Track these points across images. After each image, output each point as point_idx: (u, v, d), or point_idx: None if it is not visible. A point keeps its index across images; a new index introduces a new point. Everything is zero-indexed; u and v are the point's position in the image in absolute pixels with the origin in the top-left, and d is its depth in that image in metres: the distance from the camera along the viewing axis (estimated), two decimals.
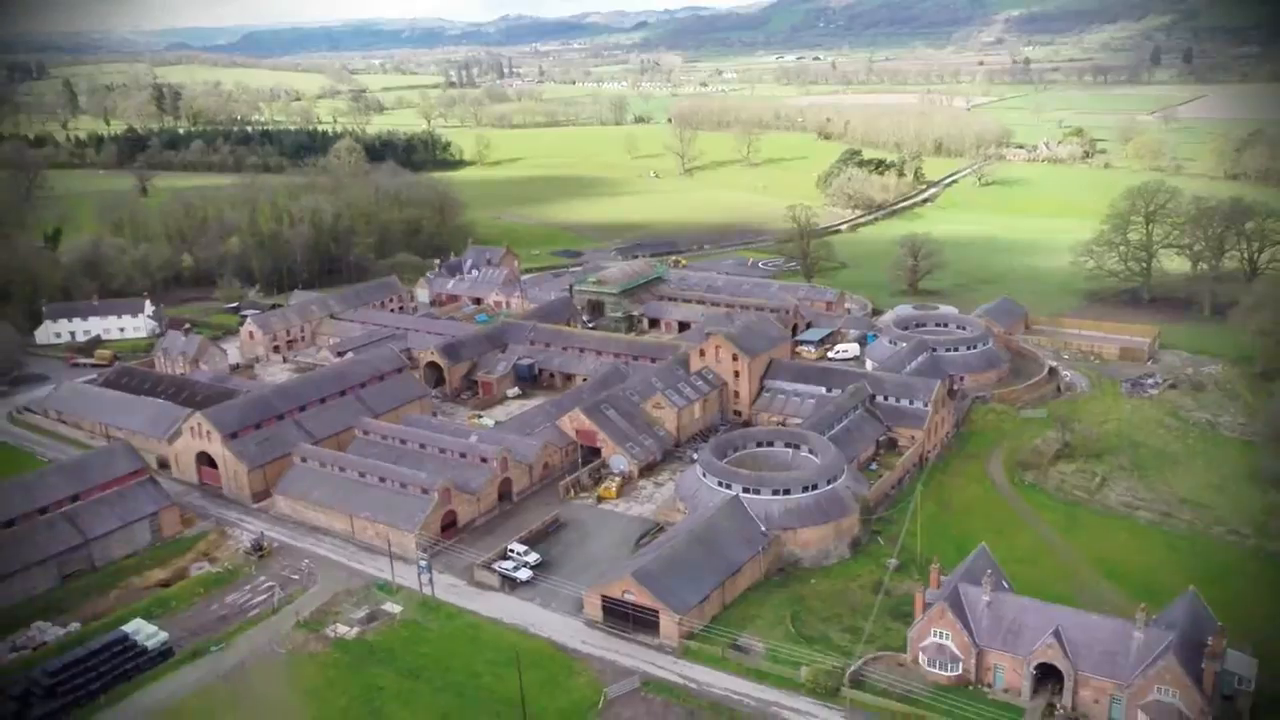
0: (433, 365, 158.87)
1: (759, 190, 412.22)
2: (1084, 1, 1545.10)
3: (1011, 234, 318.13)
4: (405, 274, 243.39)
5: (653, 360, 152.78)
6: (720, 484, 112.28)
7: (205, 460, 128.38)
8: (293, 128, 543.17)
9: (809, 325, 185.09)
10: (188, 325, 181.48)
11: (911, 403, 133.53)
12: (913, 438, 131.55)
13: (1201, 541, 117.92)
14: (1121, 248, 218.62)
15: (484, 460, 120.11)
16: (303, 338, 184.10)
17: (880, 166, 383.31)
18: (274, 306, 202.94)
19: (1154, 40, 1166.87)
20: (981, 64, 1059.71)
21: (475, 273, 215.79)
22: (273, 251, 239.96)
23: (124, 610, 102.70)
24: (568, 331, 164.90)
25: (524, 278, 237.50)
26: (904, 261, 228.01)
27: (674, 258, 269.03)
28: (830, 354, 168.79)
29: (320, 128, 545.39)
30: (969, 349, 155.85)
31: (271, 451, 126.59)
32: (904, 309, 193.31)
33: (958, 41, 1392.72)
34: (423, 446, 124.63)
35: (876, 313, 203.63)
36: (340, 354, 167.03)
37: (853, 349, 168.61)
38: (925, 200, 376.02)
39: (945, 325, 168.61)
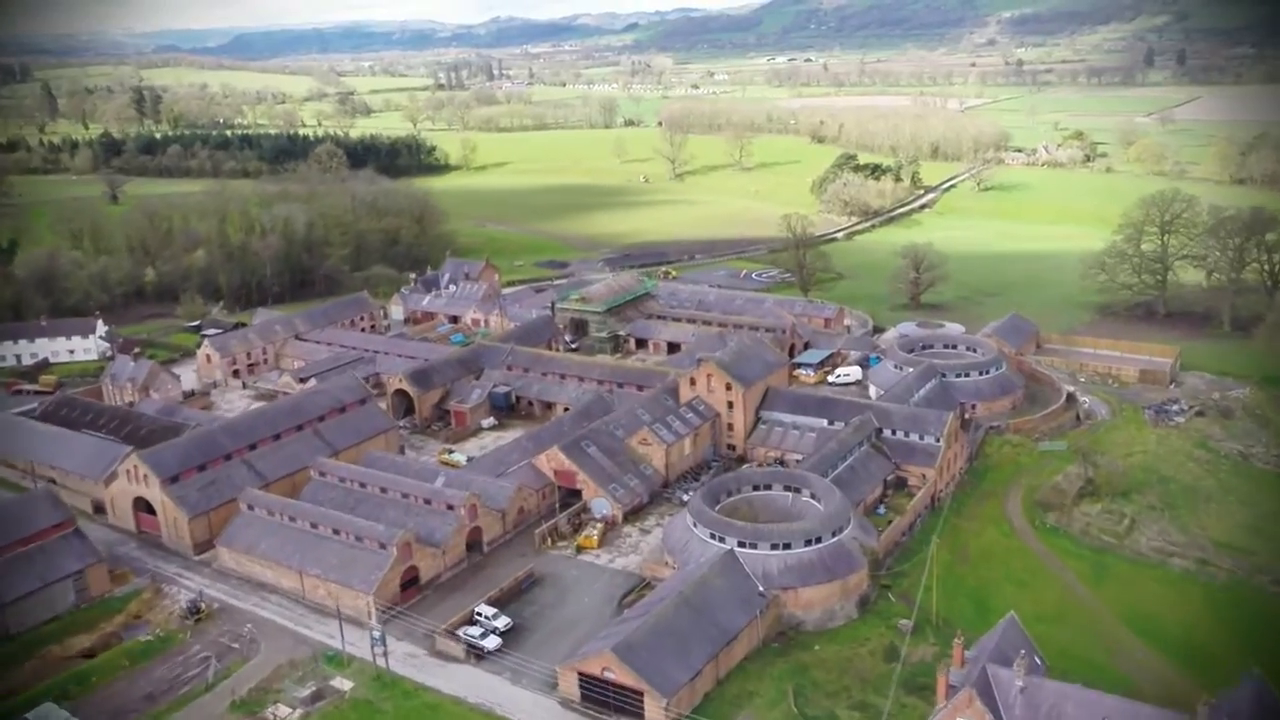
0: (402, 393, 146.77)
1: (752, 195, 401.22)
2: (1076, 3, 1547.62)
3: (1014, 242, 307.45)
4: (381, 287, 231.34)
5: (639, 388, 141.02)
6: (713, 536, 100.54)
7: (144, 506, 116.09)
8: (273, 131, 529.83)
9: (807, 345, 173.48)
10: (137, 349, 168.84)
11: (922, 438, 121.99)
12: (924, 476, 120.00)
13: (1243, 593, 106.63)
14: (1135, 259, 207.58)
15: (450, 508, 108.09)
16: (265, 360, 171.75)
17: (876, 171, 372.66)
18: (238, 325, 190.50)
19: (1146, 41, 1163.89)
20: (974, 65, 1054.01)
21: (452, 288, 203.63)
22: (241, 264, 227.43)
23: (37, 688, 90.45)
24: (548, 356, 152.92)
25: (506, 291, 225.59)
26: (905, 274, 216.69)
27: (664, 269, 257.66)
28: (830, 378, 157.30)
29: (303, 132, 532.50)
30: (981, 374, 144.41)
31: (217, 497, 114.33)
32: (907, 327, 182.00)
33: (949, 43, 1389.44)
34: (384, 491, 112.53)
35: (878, 330, 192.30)
36: (303, 380, 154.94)
37: (854, 373, 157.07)
38: (923, 206, 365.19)
39: (954, 347, 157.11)
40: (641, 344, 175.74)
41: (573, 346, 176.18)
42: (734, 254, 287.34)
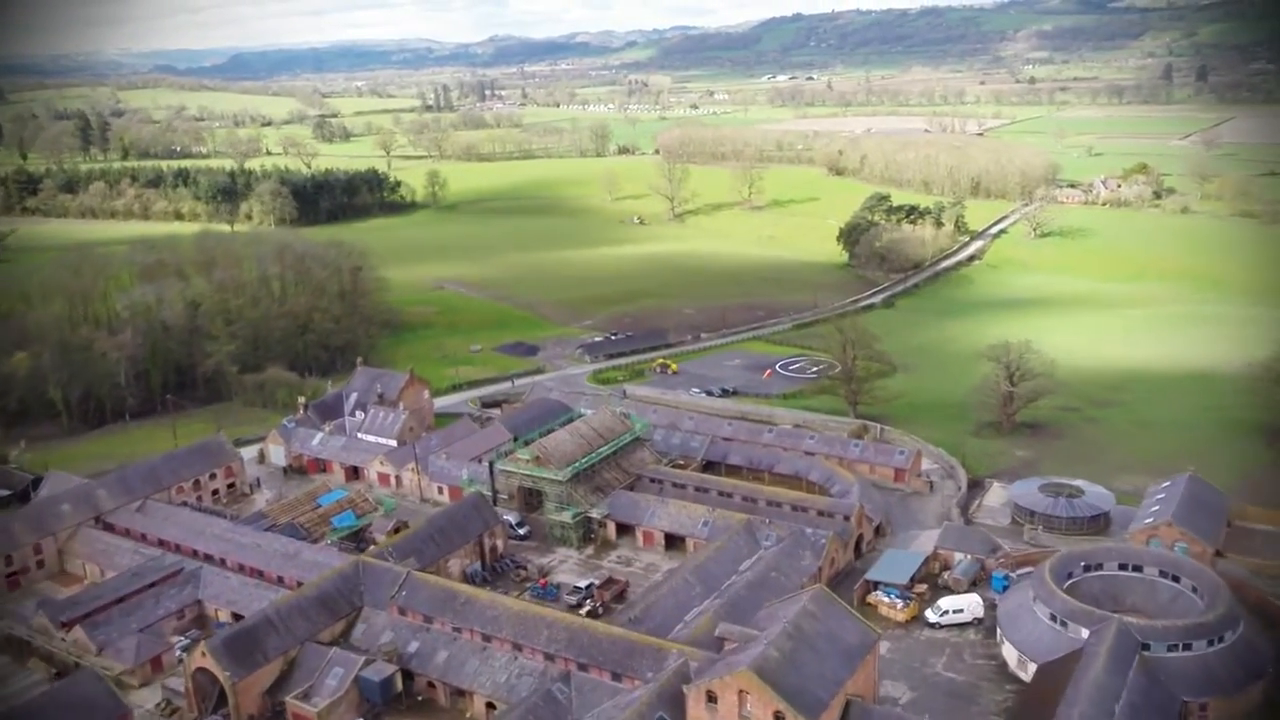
0: (209, 672, 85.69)
1: (765, 241, 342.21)
2: (1080, 20, 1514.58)
3: (1099, 312, 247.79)
4: (280, 396, 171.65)
5: (614, 677, 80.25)
6: None
7: None
8: (219, 164, 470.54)
9: (878, 530, 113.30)
10: None
11: None
12: None
13: None
14: None
15: None
16: (40, 564, 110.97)
17: (912, 214, 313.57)
18: (35, 483, 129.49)
19: (1158, 58, 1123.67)
20: (983, 83, 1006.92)
21: (359, 415, 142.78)
22: (87, 368, 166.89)
23: None
24: (465, 595, 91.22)
25: (443, 404, 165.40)
26: (996, 385, 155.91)
27: (660, 360, 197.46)
28: (932, 615, 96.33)
29: (253, 164, 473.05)
30: (1211, 643, 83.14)
31: None
32: (1024, 490, 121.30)
33: (954, 59, 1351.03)
34: None
35: (973, 484, 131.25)
36: (65, 623, 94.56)
37: (971, 606, 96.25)
38: (971, 257, 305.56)
39: (1138, 568, 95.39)
40: (625, 530, 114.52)
41: (520, 532, 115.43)
42: (749, 329, 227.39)
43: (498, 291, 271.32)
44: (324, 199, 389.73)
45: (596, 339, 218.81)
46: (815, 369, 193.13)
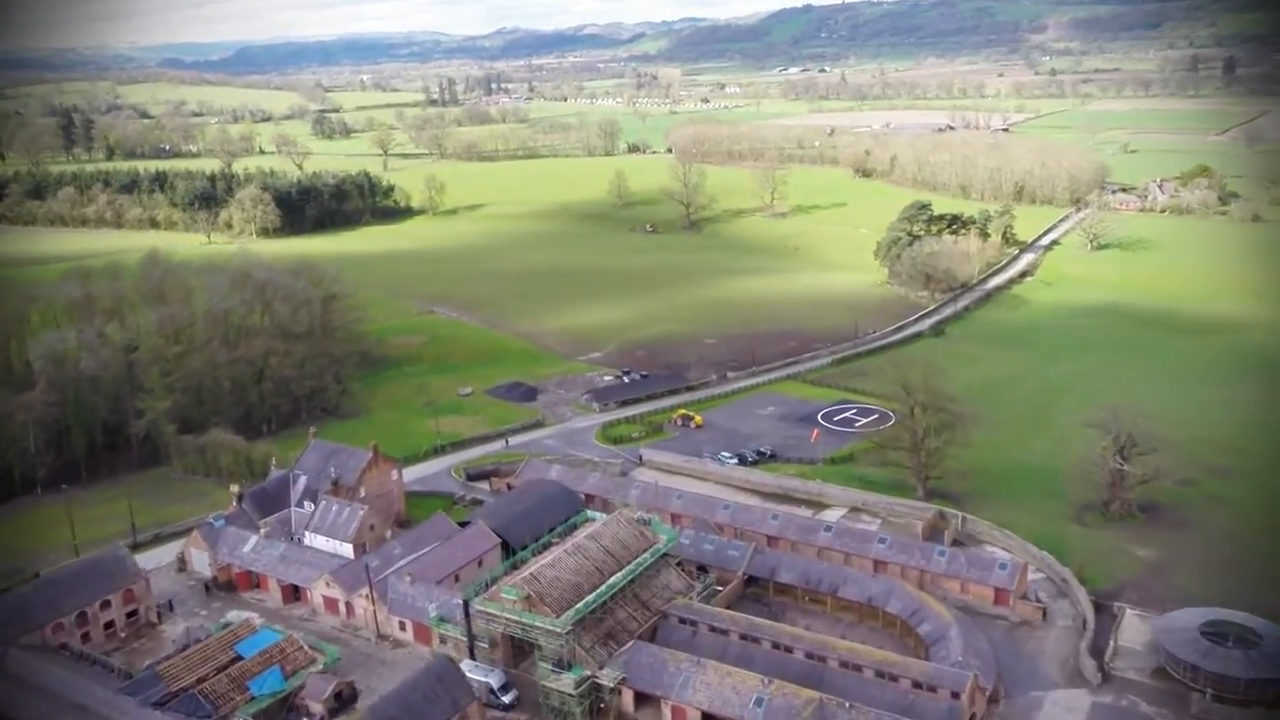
0: None
1: (790, 253, 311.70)
2: (1097, 10, 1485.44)
3: (1176, 338, 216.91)
4: (224, 462, 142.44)
5: None
6: None
7: None
8: (202, 165, 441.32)
9: (991, 699, 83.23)
10: None
11: None
12: None
13: None
14: None
15: None
16: None
17: (954, 224, 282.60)
18: None
19: (1178, 49, 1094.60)
20: (1001, 76, 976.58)
21: (307, 507, 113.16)
22: None
23: None
24: None
25: (415, 475, 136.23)
26: (1103, 461, 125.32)
27: (681, 410, 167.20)
28: None
29: (240, 166, 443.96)
30: None
31: None
32: (1175, 630, 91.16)
33: (969, 50, 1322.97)
34: None
35: (1098, 605, 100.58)
36: None
37: None
38: (1023, 274, 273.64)
39: None
40: (647, 700, 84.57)
41: (504, 700, 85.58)
42: (782, 364, 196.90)
43: (494, 316, 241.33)
44: (311, 205, 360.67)
45: (606, 379, 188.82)
46: (866, 421, 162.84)
